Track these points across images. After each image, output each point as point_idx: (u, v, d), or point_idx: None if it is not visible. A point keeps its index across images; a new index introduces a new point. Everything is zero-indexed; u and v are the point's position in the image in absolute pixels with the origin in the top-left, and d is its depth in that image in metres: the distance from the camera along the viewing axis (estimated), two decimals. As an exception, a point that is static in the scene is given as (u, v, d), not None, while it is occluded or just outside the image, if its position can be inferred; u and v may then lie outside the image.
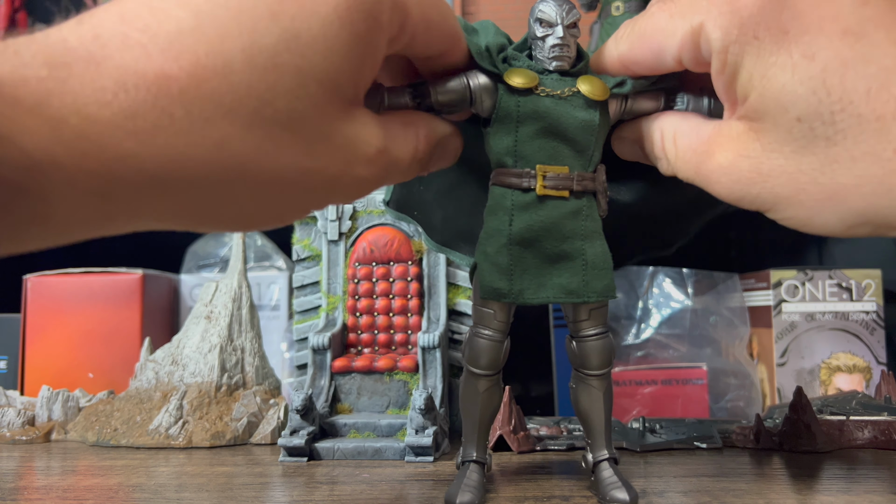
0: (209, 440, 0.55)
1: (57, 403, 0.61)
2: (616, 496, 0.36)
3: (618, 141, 0.38)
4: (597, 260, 0.36)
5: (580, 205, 0.35)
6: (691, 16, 0.30)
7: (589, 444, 0.38)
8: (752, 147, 0.30)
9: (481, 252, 0.36)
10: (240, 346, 0.61)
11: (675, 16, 0.31)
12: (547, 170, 0.35)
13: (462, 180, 0.41)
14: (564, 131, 0.35)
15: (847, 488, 0.40)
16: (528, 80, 0.34)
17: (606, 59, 0.35)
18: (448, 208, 0.42)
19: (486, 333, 0.37)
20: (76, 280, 0.70)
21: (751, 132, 0.30)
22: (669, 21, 0.32)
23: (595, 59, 0.36)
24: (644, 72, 0.35)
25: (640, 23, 0.33)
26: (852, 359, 0.68)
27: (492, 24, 0.36)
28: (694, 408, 0.66)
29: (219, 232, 0.28)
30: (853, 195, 0.28)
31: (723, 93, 0.31)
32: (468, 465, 0.38)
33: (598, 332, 0.37)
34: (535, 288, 0.35)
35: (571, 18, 0.35)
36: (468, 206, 0.41)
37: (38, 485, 0.43)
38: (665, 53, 0.32)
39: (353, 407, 0.56)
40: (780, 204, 0.30)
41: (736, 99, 0.31)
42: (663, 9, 0.32)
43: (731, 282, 0.73)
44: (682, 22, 0.31)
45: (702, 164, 0.32)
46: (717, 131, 0.32)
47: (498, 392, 0.38)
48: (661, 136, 0.35)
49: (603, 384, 0.38)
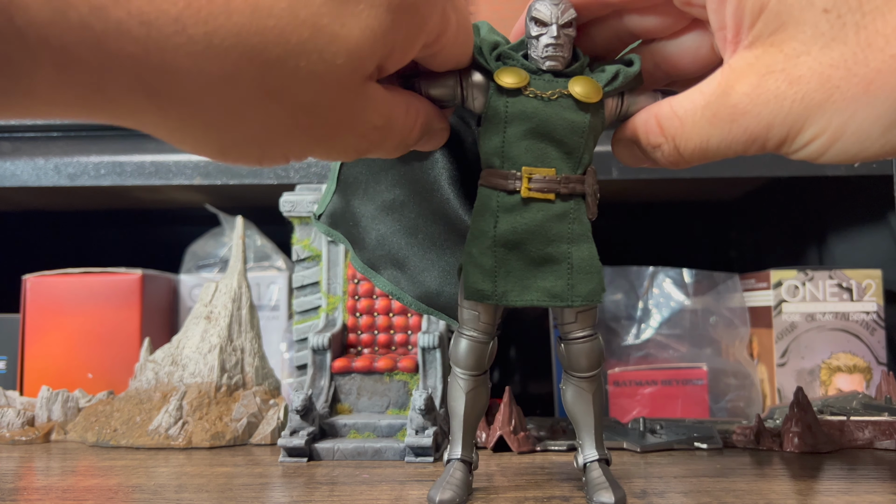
0: (209, 441, 0.55)
1: (56, 404, 0.60)
2: (601, 498, 0.36)
3: (616, 145, 0.37)
4: (583, 264, 0.35)
5: (567, 208, 0.35)
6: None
7: (580, 445, 0.38)
8: (775, 60, 0.29)
9: (467, 253, 0.36)
10: (239, 347, 0.61)
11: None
12: (533, 172, 0.34)
13: (408, 200, 0.40)
14: (552, 133, 0.34)
15: (848, 489, 0.40)
16: (519, 79, 0.34)
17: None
18: (386, 226, 0.41)
19: (471, 335, 0.37)
20: (75, 280, 0.70)
21: (769, 48, 0.29)
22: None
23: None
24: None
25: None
26: (853, 359, 0.68)
27: (486, 24, 0.36)
28: (694, 408, 0.66)
29: (191, 152, 0.28)
30: (892, 79, 0.27)
31: (731, 16, 0.30)
32: (452, 464, 0.38)
33: (587, 335, 0.37)
34: (519, 290, 0.35)
35: (566, 18, 0.34)
36: (406, 228, 0.40)
37: (37, 485, 0.43)
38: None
39: (353, 407, 0.55)
40: (814, 114, 0.28)
41: (743, 20, 0.30)
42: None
43: (731, 282, 0.73)
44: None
45: (720, 109, 0.31)
46: (728, 71, 0.31)
47: (484, 392, 0.38)
48: (656, 119, 0.34)
49: (592, 386, 0.38)
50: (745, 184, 0.81)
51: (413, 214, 0.40)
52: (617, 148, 0.37)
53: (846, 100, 0.28)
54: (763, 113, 0.29)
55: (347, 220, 0.42)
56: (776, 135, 0.30)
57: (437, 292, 0.41)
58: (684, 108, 0.32)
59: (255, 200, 0.80)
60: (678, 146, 0.33)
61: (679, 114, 0.33)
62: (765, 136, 0.30)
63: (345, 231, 0.42)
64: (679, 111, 0.33)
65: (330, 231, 0.42)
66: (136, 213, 0.96)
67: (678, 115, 0.33)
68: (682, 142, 0.33)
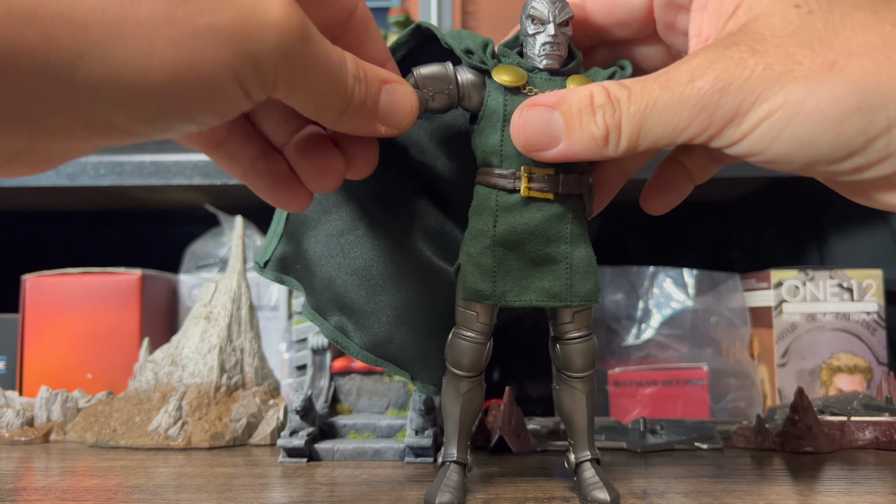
0: (208, 441, 0.55)
1: (56, 404, 0.60)
2: (597, 496, 0.36)
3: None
4: (581, 264, 0.35)
5: (565, 207, 0.35)
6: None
7: (572, 444, 0.38)
8: (741, 38, 0.29)
9: (465, 253, 0.35)
10: (239, 347, 0.61)
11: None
12: (533, 171, 0.34)
13: (361, 237, 0.39)
14: None
15: (848, 489, 0.40)
16: (517, 78, 0.34)
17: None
18: (332, 267, 0.39)
19: (468, 335, 0.36)
20: (75, 280, 0.70)
21: (737, 33, 0.29)
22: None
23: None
24: (605, 11, 0.35)
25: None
26: (853, 359, 0.68)
27: (465, 31, 0.36)
28: (694, 408, 0.66)
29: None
30: (855, 63, 0.27)
31: (713, 12, 0.31)
32: (448, 466, 0.37)
33: (582, 335, 0.37)
34: (517, 290, 0.35)
35: (564, 17, 0.34)
36: (355, 268, 0.39)
37: (37, 486, 0.43)
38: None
39: (353, 408, 0.55)
40: (772, 86, 0.28)
41: (718, 21, 0.30)
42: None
43: (731, 282, 0.73)
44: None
45: (676, 72, 0.29)
46: (692, 52, 0.31)
47: (480, 393, 0.38)
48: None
49: (586, 386, 0.38)
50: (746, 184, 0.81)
51: (365, 252, 0.39)
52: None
53: (806, 74, 0.27)
54: (721, 77, 0.28)
55: (298, 263, 0.40)
56: (728, 104, 0.28)
57: (385, 339, 0.40)
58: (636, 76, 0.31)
59: (255, 200, 0.80)
60: (619, 112, 0.30)
61: (626, 82, 0.31)
62: (716, 103, 0.28)
63: (297, 276, 0.40)
64: (627, 81, 0.31)
65: (280, 278, 0.40)
66: (136, 213, 0.96)
67: (626, 83, 0.31)
68: (624, 105, 0.30)
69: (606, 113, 0.30)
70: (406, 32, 0.36)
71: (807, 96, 0.27)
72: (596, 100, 0.31)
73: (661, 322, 0.72)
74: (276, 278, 0.40)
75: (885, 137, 0.28)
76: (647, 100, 0.29)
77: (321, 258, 0.40)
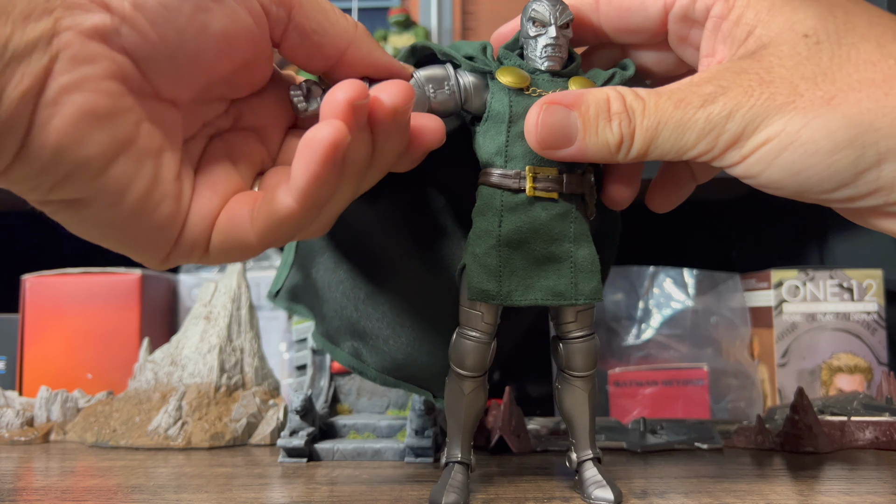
0: (208, 441, 0.55)
1: (56, 404, 0.60)
2: (600, 495, 0.36)
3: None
4: (585, 263, 0.35)
5: (569, 207, 0.35)
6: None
7: (573, 443, 0.38)
8: (751, 65, 0.30)
9: (470, 253, 0.35)
10: (239, 347, 0.61)
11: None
12: (537, 171, 0.34)
13: (373, 264, 0.39)
14: None
15: (848, 489, 0.40)
16: (520, 79, 0.34)
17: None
18: (343, 294, 0.40)
19: (472, 335, 0.36)
20: (75, 280, 0.70)
21: (748, 58, 0.30)
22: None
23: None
24: (618, 16, 0.35)
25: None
26: (853, 359, 0.68)
27: (460, 41, 0.37)
28: (695, 408, 0.66)
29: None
30: (853, 98, 0.28)
31: (720, 43, 0.32)
32: (452, 466, 0.37)
33: (585, 335, 0.37)
34: (522, 290, 0.35)
35: (565, 19, 0.34)
36: (368, 293, 0.39)
37: (36, 486, 0.43)
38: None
39: (353, 408, 0.55)
40: (774, 114, 0.29)
41: (731, 46, 0.31)
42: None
43: (731, 282, 0.73)
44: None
45: (688, 94, 0.30)
46: (703, 71, 0.32)
47: (483, 393, 0.38)
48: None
49: (588, 385, 0.38)
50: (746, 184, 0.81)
51: (377, 277, 0.39)
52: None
53: (806, 106, 0.29)
54: (729, 103, 0.30)
55: (308, 291, 0.40)
56: (733, 129, 0.30)
57: (405, 362, 0.40)
58: (649, 90, 0.32)
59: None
60: (634, 124, 0.32)
61: (641, 93, 0.32)
62: (722, 127, 0.30)
63: (308, 304, 0.41)
64: (642, 92, 0.32)
65: (292, 307, 0.41)
66: (136, 213, 0.96)
67: (641, 94, 0.32)
68: (638, 117, 0.32)
69: (623, 122, 0.31)
70: (403, 54, 0.37)
71: (803, 127, 0.29)
72: (613, 106, 0.32)
73: (662, 322, 0.72)
74: (287, 307, 0.41)
75: (875, 171, 0.29)
76: (660, 117, 0.31)
77: (329, 285, 0.40)
